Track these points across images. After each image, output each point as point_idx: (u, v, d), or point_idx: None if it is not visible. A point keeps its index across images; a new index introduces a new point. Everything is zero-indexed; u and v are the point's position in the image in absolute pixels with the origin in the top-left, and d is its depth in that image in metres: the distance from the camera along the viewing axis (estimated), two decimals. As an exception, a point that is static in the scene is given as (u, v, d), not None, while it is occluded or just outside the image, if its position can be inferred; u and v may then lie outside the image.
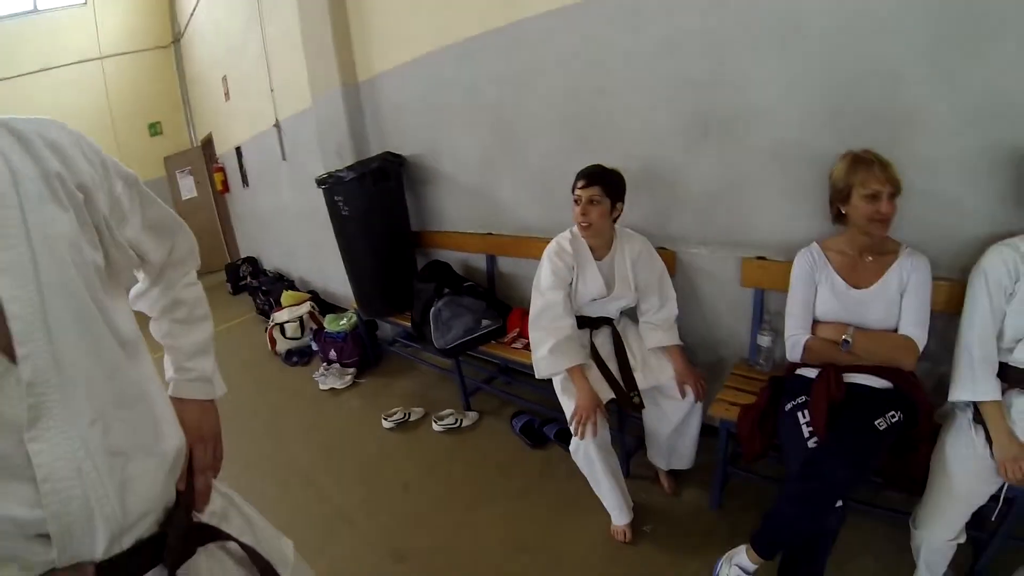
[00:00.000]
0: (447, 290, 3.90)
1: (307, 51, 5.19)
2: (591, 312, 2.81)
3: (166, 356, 1.27)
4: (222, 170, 9.46)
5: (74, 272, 0.91)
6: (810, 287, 2.22)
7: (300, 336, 5.69)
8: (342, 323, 5.10)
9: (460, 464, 3.40)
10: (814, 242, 2.27)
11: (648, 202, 2.97)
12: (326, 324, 5.22)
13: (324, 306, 6.18)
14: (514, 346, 3.56)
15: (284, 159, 6.67)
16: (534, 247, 3.37)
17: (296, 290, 6.79)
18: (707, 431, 2.74)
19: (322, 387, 4.79)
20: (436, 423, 3.80)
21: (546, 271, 2.72)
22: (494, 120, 3.78)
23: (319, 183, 4.51)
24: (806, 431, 2.02)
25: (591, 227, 2.63)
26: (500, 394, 4.06)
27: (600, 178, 2.60)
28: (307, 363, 5.46)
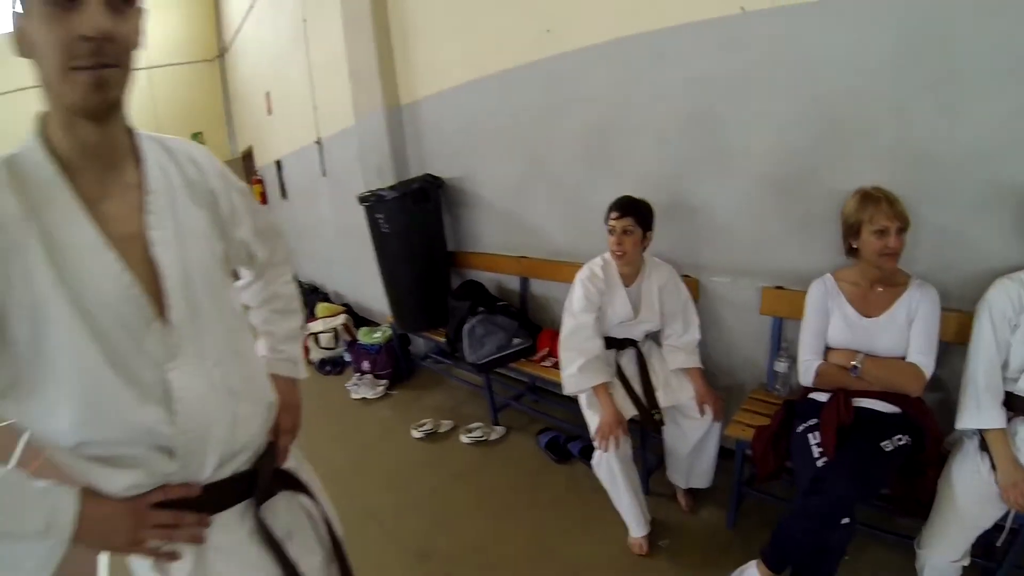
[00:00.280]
0: (481, 308, 4.07)
1: (351, 73, 5.37)
2: (618, 334, 2.95)
3: (261, 340, 1.51)
4: (261, 182, 9.66)
5: (207, 253, 1.20)
6: (823, 315, 2.34)
7: (334, 346, 5.86)
8: (376, 336, 5.28)
9: (486, 475, 3.54)
10: (828, 273, 2.38)
11: (675, 232, 3.11)
12: (360, 336, 5.40)
13: (358, 319, 6.35)
14: (543, 364, 3.71)
15: (324, 175, 6.84)
16: (565, 271, 3.51)
17: (331, 303, 6.97)
18: (725, 454, 2.84)
19: (354, 396, 4.96)
20: (464, 435, 3.94)
21: (578, 294, 2.88)
22: (528, 148, 3.96)
23: (361, 201, 4.70)
24: (816, 451, 2.12)
25: (625, 255, 2.78)
26: (528, 411, 4.19)
27: (633, 209, 2.76)
28: (340, 372, 5.64)
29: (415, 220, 4.56)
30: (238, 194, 1.34)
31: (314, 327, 5.95)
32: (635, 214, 2.75)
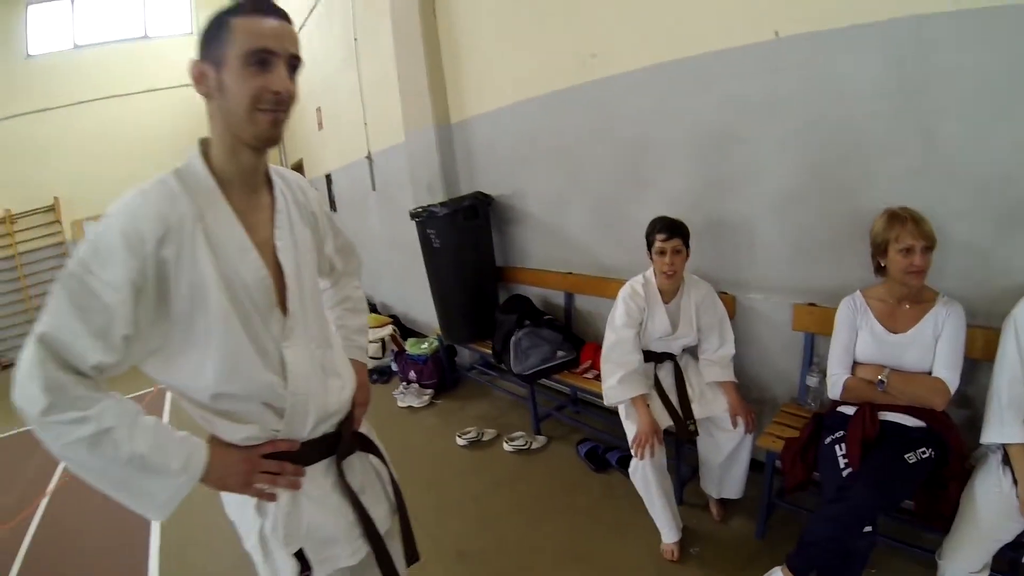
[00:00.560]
0: (527, 322, 4.22)
1: (402, 91, 5.59)
2: (657, 348, 3.07)
3: (337, 333, 1.81)
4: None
5: (311, 261, 1.56)
6: (851, 331, 2.42)
7: (381, 356, 6.06)
8: (423, 347, 5.46)
9: (527, 482, 3.66)
10: (858, 291, 2.46)
11: (713, 250, 3.23)
12: (408, 347, 5.58)
13: (404, 330, 6.53)
14: (585, 376, 3.85)
15: (374, 189, 7.06)
16: (609, 287, 3.63)
17: (378, 313, 7.19)
18: (757, 466, 2.92)
19: (400, 404, 5.14)
20: (507, 443, 4.07)
21: (620, 310, 3.01)
22: (573, 167, 4.12)
23: (413, 216, 4.91)
24: (842, 462, 2.20)
25: (676, 274, 2.92)
26: (569, 421, 4.30)
27: (680, 230, 2.88)
28: (386, 382, 5.83)
29: (465, 236, 4.75)
30: (327, 218, 1.70)
31: (362, 337, 6.12)
32: (682, 235, 2.88)
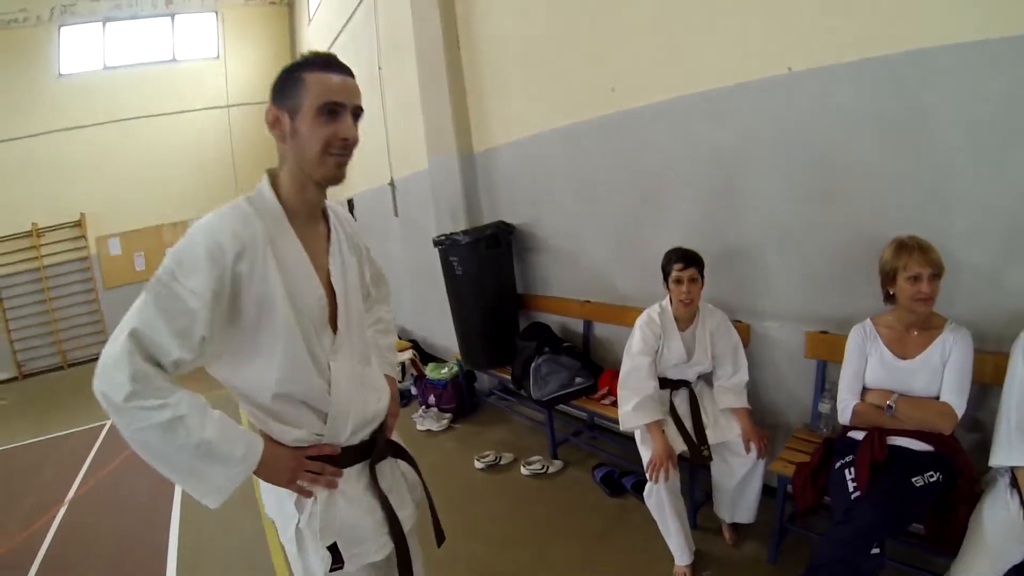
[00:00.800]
0: (547, 349, 4.32)
1: (426, 120, 5.73)
2: (673, 375, 3.16)
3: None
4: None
5: (357, 286, 1.75)
6: (861, 358, 2.48)
7: (401, 380, 6.10)
8: (443, 372, 5.54)
9: (543, 505, 3.73)
10: (868, 319, 2.53)
11: (728, 279, 3.32)
12: (428, 372, 5.66)
13: (424, 355, 6.60)
14: (603, 402, 3.93)
15: (396, 215, 7.18)
16: (627, 315, 3.71)
17: (398, 338, 7.23)
18: (770, 491, 2.97)
19: (419, 427, 5.23)
20: (524, 467, 4.14)
21: (637, 338, 3.11)
22: (593, 198, 4.24)
23: (436, 244, 5.04)
24: (851, 486, 2.26)
25: (692, 303, 3.02)
26: (585, 446, 4.36)
27: (696, 260, 2.99)
28: (406, 405, 5.88)
29: (487, 264, 4.87)
30: (366, 249, 1.93)
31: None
32: (697, 264, 2.98)
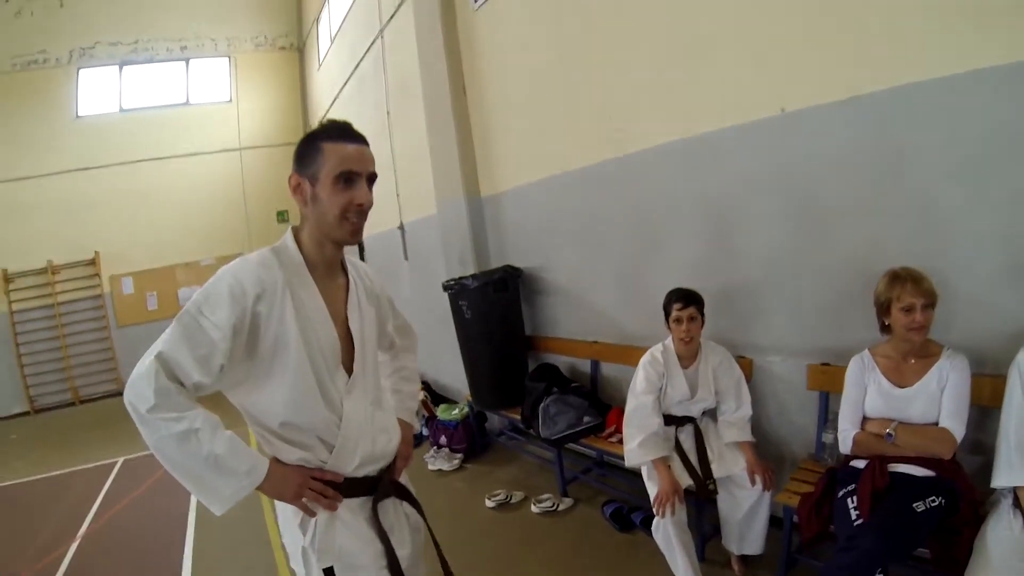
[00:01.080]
0: (555, 389, 4.40)
1: (434, 165, 5.91)
2: (677, 412, 3.23)
3: (391, 397, 2.09)
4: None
5: (374, 334, 1.88)
6: (860, 388, 2.54)
7: (414, 420, 6.16)
8: (454, 413, 5.61)
9: (553, 542, 3.77)
10: (866, 349, 2.59)
11: (730, 316, 3.42)
12: (439, 413, 5.73)
13: (435, 397, 6.65)
14: (611, 440, 3.98)
15: (406, 259, 7.32)
16: (633, 354, 3.74)
17: (408, 380, 7.32)
18: (777, 523, 3.00)
19: (430, 467, 5.27)
20: (535, 505, 4.18)
21: (640, 377, 3.20)
22: (599, 240, 4.37)
23: (446, 288, 5.16)
24: (853, 514, 2.30)
25: (692, 341, 3.12)
26: (595, 483, 4.40)
27: (695, 299, 3.10)
28: (417, 445, 5.86)
29: (495, 307, 4.97)
30: (388, 301, 2.07)
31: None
32: (697, 303, 3.09)
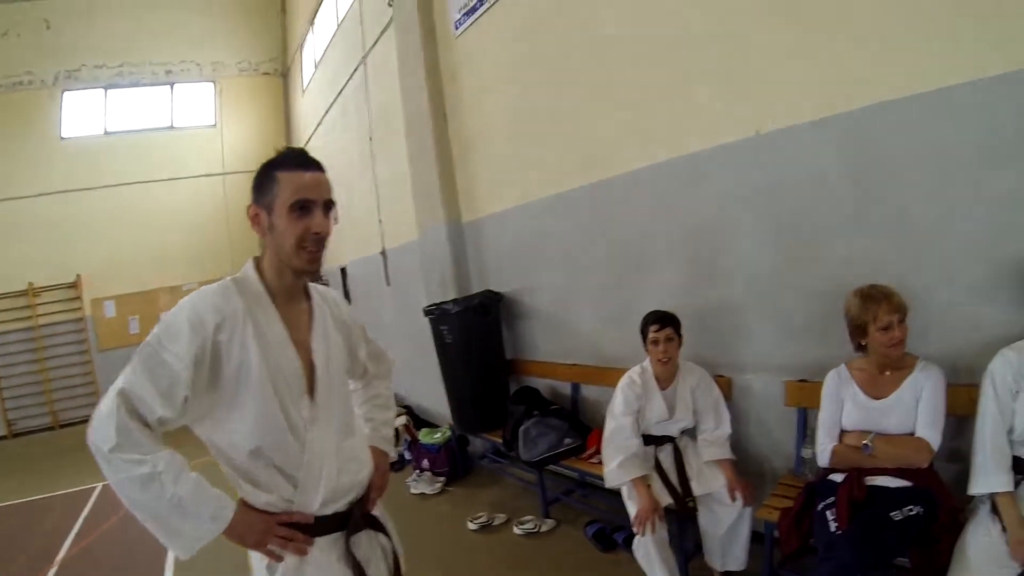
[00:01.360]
0: (535, 412, 4.43)
1: (415, 191, 5.97)
2: (656, 432, 3.28)
3: (365, 425, 2.04)
4: (326, 285, 10.26)
5: (340, 362, 1.83)
6: (837, 403, 2.57)
7: (395, 445, 6.12)
8: (436, 436, 5.60)
9: (535, 563, 3.77)
10: (843, 364, 2.62)
11: (708, 336, 3.46)
12: (421, 437, 5.70)
13: (417, 421, 6.62)
14: (591, 461, 3.98)
15: (388, 284, 7.35)
16: (613, 376, 3.73)
17: (391, 404, 7.31)
18: (760, 538, 3.01)
19: (413, 491, 5.24)
20: (517, 527, 4.17)
21: (619, 399, 3.25)
22: (578, 264, 4.43)
23: (426, 313, 5.19)
24: (832, 525, 2.32)
25: (670, 361, 3.17)
26: (577, 504, 4.40)
27: (672, 320, 3.16)
28: (399, 469, 5.89)
29: (476, 332, 5.01)
30: (359, 329, 2.02)
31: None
32: (674, 324, 3.16)
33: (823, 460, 2.59)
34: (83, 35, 10.45)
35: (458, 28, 5.41)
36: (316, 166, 1.67)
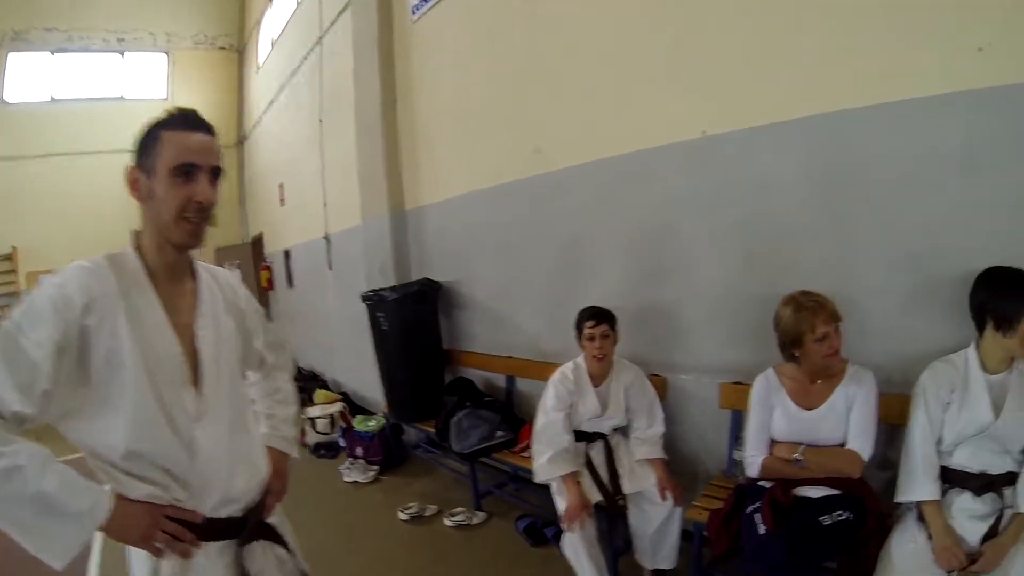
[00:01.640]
0: (468, 403, 4.43)
1: (361, 178, 5.88)
2: (588, 428, 3.28)
3: (264, 423, 1.90)
4: (269, 268, 10.17)
5: (232, 350, 1.65)
6: (766, 410, 2.56)
7: (329, 432, 6.09)
8: (371, 424, 5.53)
9: (466, 557, 3.75)
10: (771, 368, 2.62)
11: (645, 335, 3.49)
12: (356, 424, 5.63)
13: (354, 408, 6.58)
14: (523, 455, 3.96)
15: (330, 269, 7.23)
16: (549, 371, 3.70)
17: (329, 390, 7.26)
18: (690, 538, 3.03)
19: (346, 479, 5.18)
20: (448, 519, 4.15)
21: (550, 394, 3.24)
22: (518, 258, 4.42)
23: (364, 299, 5.12)
24: (761, 528, 2.35)
25: (606, 358, 3.17)
26: (508, 498, 4.40)
27: (608, 316, 3.16)
28: (333, 457, 5.85)
29: (412, 320, 4.97)
30: (256, 315, 1.84)
31: (311, 412, 6.20)
32: (610, 320, 3.15)
33: (752, 472, 2.58)
34: (33, -6, 9.78)
35: (415, 13, 5.31)
36: (206, 128, 1.49)
